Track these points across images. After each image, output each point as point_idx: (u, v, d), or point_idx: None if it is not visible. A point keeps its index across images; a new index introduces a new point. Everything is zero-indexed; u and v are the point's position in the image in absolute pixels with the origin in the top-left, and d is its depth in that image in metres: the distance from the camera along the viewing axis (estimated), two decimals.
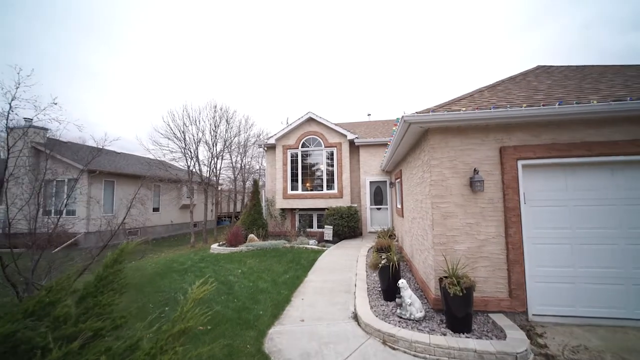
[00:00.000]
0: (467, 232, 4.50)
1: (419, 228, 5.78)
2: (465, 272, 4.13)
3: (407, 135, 5.11)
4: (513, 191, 4.38)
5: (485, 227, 4.46)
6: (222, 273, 7.32)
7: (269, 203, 13.88)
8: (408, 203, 7.33)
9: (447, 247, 4.52)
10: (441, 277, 4.16)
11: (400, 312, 4.40)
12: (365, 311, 4.54)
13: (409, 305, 4.26)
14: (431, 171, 4.65)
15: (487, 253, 4.42)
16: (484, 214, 4.48)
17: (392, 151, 7.10)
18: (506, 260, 4.33)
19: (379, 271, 5.06)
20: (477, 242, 4.46)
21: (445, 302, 3.94)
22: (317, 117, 13.09)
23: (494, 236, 4.42)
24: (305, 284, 6.25)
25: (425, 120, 4.40)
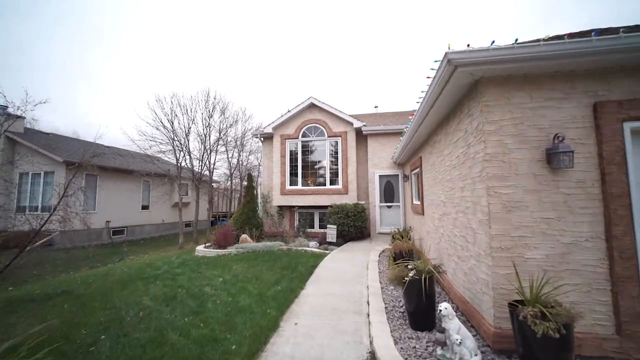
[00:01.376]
0: (543, 232, 2.97)
1: (455, 226, 4.25)
2: (549, 293, 2.60)
3: (446, 91, 3.58)
4: (618, 169, 2.85)
5: (572, 224, 2.92)
6: (198, 282, 5.83)
7: (265, 200, 12.40)
8: (433, 196, 5.80)
9: (512, 253, 2.99)
10: (513, 302, 2.64)
11: (443, 354, 2.87)
12: (388, 349, 3.03)
13: (457, 344, 2.73)
14: (485, 141, 3.13)
15: (575, 264, 2.88)
16: (570, 203, 2.94)
17: (414, 129, 5.58)
18: (609, 276, 2.80)
19: (405, 287, 3.53)
20: (559, 246, 2.93)
21: (525, 344, 2.42)
22: (319, 103, 11.61)
23: (587, 238, 2.88)
24: (300, 300, 4.74)
25: (484, 59, 2.88)
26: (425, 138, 6.31)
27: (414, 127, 5.76)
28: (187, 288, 5.46)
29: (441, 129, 4.98)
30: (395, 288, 5.13)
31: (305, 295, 4.98)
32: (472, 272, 3.54)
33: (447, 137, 4.59)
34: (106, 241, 14.61)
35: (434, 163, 5.64)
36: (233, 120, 16.84)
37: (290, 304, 4.57)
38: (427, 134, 5.88)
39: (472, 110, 3.42)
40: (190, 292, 5.19)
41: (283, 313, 4.20)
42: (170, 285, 5.68)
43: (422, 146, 6.73)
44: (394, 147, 10.97)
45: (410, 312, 3.67)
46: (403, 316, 3.93)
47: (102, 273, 7.65)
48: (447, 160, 4.66)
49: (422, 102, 4.50)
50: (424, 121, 5.08)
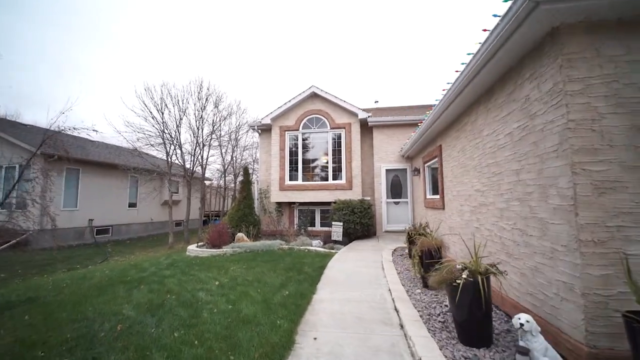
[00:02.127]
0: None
1: (502, 218, 3.55)
2: None
3: (504, 50, 2.88)
4: None
5: None
6: (191, 286, 4.99)
7: (262, 196, 11.57)
8: (461, 187, 5.11)
9: (608, 248, 2.29)
10: (628, 313, 1.93)
11: None
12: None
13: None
14: (567, 105, 2.43)
15: None
16: None
17: (439, 112, 4.90)
18: None
19: (459, 292, 2.79)
20: None
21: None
22: (321, 92, 10.85)
23: None
24: (315, 307, 3.97)
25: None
26: (448, 124, 5.62)
27: (439, 110, 5.07)
28: (177, 293, 4.63)
29: (476, 108, 4.29)
30: (422, 292, 4.42)
31: (318, 300, 4.21)
32: (539, 273, 2.83)
33: (489, 115, 3.89)
34: (89, 241, 13.53)
35: (463, 149, 4.94)
36: (227, 113, 15.92)
37: (303, 312, 3.79)
38: (454, 117, 5.19)
39: (543, 70, 2.72)
40: (182, 299, 4.36)
41: (297, 324, 3.42)
42: (157, 290, 4.83)
43: (443, 133, 6.04)
44: (401, 139, 10.31)
45: (459, 323, 2.94)
46: (445, 327, 3.20)
47: (79, 276, 6.72)
48: (487, 141, 3.96)
49: (459, 76, 3.80)
50: (457, 99, 4.38)
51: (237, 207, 10.56)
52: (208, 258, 7.53)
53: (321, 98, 11.06)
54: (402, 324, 3.35)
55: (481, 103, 4.13)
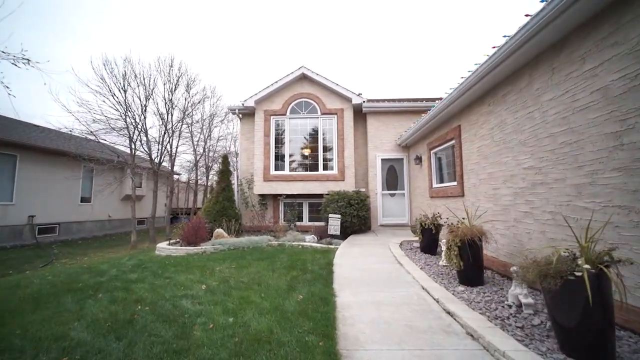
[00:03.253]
0: None
1: (578, 195, 2.87)
2: None
3: None
4: None
5: None
6: (169, 293, 3.83)
7: (243, 187, 10.33)
8: (493, 168, 4.47)
9: None
10: None
11: None
12: None
13: None
14: None
15: None
16: None
17: (473, 82, 4.19)
18: None
19: (570, 289, 2.02)
20: None
21: None
22: (312, 74, 9.89)
23: None
24: (345, 315, 3.04)
25: None
26: (473, 100, 4.98)
27: (466, 85, 4.44)
28: (152, 303, 3.46)
29: (530, 71, 3.62)
30: (466, 289, 3.67)
31: (345, 306, 3.28)
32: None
33: (554, 75, 3.22)
34: (29, 241, 11.33)
35: (500, 124, 4.29)
36: (201, 98, 14.26)
37: (333, 322, 2.84)
38: (486, 90, 4.54)
39: None
40: (160, 310, 3.21)
41: (334, 340, 2.47)
42: (122, 300, 3.61)
43: (466, 112, 5.40)
44: (397, 127, 9.69)
45: (566, 330, 2.18)
46: (531, 335, 2.44)
47: (10, 284, 5.15)
48: (550, 107, 3.29)
49: (517, 34, 3.09)
50: (500, 66, 3.73)
51: (215, 199, 9.27)
52: (185, 257, 6.27)
53: (311, 80, 10.09)
54: (472, 332, 2.55)
55: (539, 63, 3.47)
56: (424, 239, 5.92)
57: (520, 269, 2.48)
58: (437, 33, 69.07)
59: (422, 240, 5.97)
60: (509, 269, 3.94)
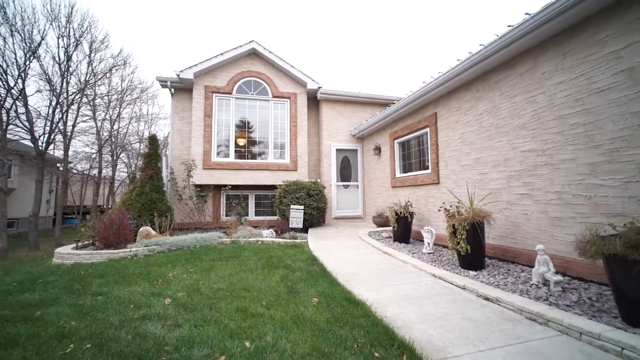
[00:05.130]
0: None
1: (592, 174, 3.00)
2: None
3: None
4: None
5: None
6: (114, 316, 2.57)
7: (175, 176, 8.53)
8: (480, 153, 4.57)
9: None
10: None
11: None
12: None
13: None
14: None
15: None
16: None
17: (467, 66, 4.17)
18: None
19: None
20: None
21: None
22: (264, 51, 8.81)
23: None
24: (387, 316, 2.46)
25: None
26: (456, 87, 5.03)
27: (456, 71, 4.46)
28: (92, 336, 2.20)
29: (535, 56, 3.73)
30: (478, 274, 3.54)
31: (377, 304, 2.70)
32: None
33: (566, 59, 3.33)
34: None
35: (491, 110, 4.38)
36: (111, 65, 11.23)
37: (386, 328, 2.24)
38: (475, 76, 4.60)
39: None
40: (113, 347, 2.03)
41: (415, 352, 1.88)
42: (31, 339, 2.20)
43: (446, 98, 5.44)
44: (352, 118, 9.53)
45: (637, 302, 2.12)
46: (592, 310, 2.36)
47: None
48: (559, 90, 3.41)
49: (529, 19, 3.09)
50: (503, 51, 3.79)
51: (140, 189, 7.35)
52: (109, 264, 4.62)
53: (263, 59, 9.01)
54: (534, 317, 2.32)
55: (546, 49, 3.57)
56: (398, 228, 5.77)
57: (585, 243, 2.35)
58: (393, 36, 72.89)
59: (396, 229, 5.81)
60: (501, 251, 4.05)
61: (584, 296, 2.71)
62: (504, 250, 4.11)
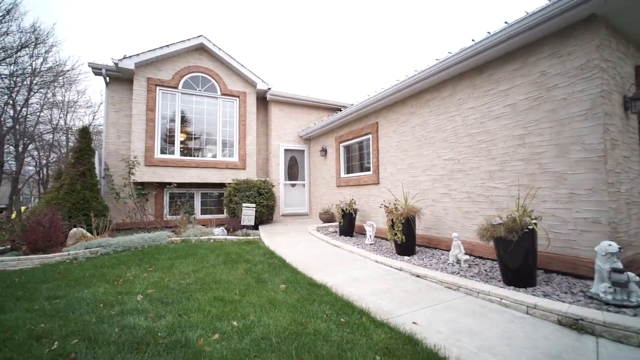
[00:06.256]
0: (630, 167, 3.24)
1: (493, 178, 4.07)
2: None
3: (542, 28, 3.30)
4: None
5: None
6: (88, 315, 2.61)
7: (110, 173, 7.85)
8: (413, 159, 5.51)
9: (616, 188, 3.09)
10: None
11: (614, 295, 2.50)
12: None
13: (634, 282, 2.44)
14: (602, 77, 3.07)
15: None
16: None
17: (409, 84, 5.06)
18: None
19: (521, 240, 2.88)
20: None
21: None
22: (214, 47, 8.66)
23: None
24: (345, 292, 3.03)
25: None
26: (395, 101, 5.92)
27: (392, 90, 5.36)
28: (76, 332, 2.27)
29: (453, 84, 4.73)
30: (411, 258, 4.38)
31: (337, 285, 3.26)
32: (550, 217, 3.42)
33: (475, 90, 4.37)
34: None
35: (422, 124, 5.33)
36: (26, 39, 9.46)
37: (348, 301, 2.80)
38: (409, 94, 5.51)
39: (570, 50, 3.31)
40: (105, 338, 2.17)
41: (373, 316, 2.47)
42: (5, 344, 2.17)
43: (386, 110, 6.30)
44: (299, 120, 10.02)
45: (512, 270, 3.08)
46: (486, 277, 3.29)
47: None
48: (470, 114, 4.44)
49: (472, 46, 4.05)
50: (430, 78, 4.77)
51: (70, 187, 6.66)
52: (47, 269, 4.27)
53: (212, 55, 8.83)
54: (450, 285, 3.15)
55: (462, 80, 4.58)
56: (344, 223, 6.49)
57: (482, 230, 3.27)
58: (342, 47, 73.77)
59: (342, 225, 6.52)
60: (427, 240, 5.01)
61: (482, 269, 3.70)
62: (429, 239, 5.09)
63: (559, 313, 2.32)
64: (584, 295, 2.72)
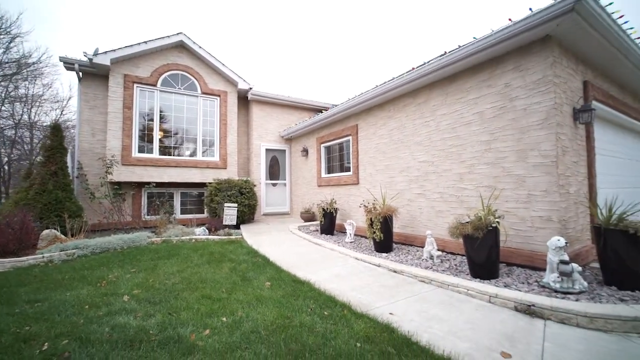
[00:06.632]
0: (577, 172, 3.67)
1: (463, 180, 4.42)
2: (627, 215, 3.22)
3: (505, 44, 3.67)
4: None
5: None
6: (74, 317, 2.64)
7: (84, 172, 7.58)
8: (390, 161, 5.80)
9: (566, 190, 3.50)
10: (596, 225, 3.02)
11: (561, 284, 2.88)
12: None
13: (577, 272, 2.82)
14: (555, 92, 3.45)
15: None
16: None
17: (388, 89, 5.35)
18: None
19: (481, 238, 3.21)
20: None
21: (608, 249, 2.84)
22: (194, 45, 8.54)
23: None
24: (326, 287, 3.23)
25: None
26: (374, 105, 6.18)
27: (371, 95, 5.60)
28: (65, 334, 2.31)
29: (427, 91, 5.04)
30: (389, 255, 4.66)
31: (320, 282, 3.46)
32: (511, 215, 3.80)
33: (448, 98, 4.70)
34: None
35: (400, 127, 5.62)
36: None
37: (330, 296, 3.00)
38: (388, 99, 5.79)
39: (529, 65, 3.68)
40: (95, 337, 2.23)
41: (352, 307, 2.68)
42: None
43: (365, 114, 6.56)
44: (281, 120, 10.11)
45: (478, 264, 3.41)
46: (456, 271, 3.61)
47: None
48: (443, 119, 4.77)
49: (421, 68, 4.36)
50: (405, 85, 5.05)
51: (41, 187, 6.39)
52: (22, 272, 4.15)
53: (192, 53, 8.70)
54: (423, 279, 3.44)
55: (436, 87, 4.90)
56: (325, 222, 6.70)
57: (452, 228, 3.58)
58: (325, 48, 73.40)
59: (323, 223, 6.73)
60: (404, 237, 5.32)
61: (452, 263, 4.03)
62: (406, 236, 5.40)
63: (515, 300, 2.65)
64: (537, 284, 3.08)
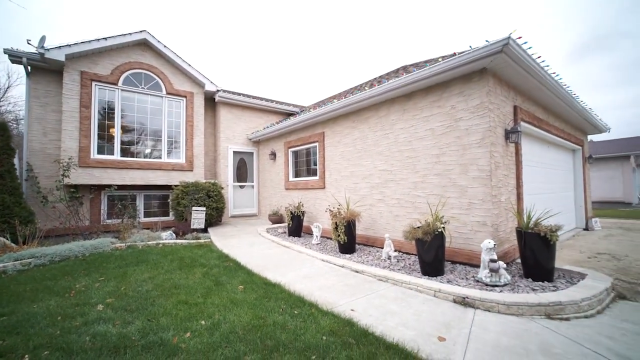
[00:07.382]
0: (507, 183, 4.38)
1: (417, 188, 4.99)
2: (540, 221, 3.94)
3: (453, 72, 4.25)
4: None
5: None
6: (48, 329, 2.69)
7: (34, 174, 7.07)
8: (354, 168, 6.26)
9: (498, 199, 4.18)
10: (518, 229, 3.72)
11: (492, 279, 3.50)
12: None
13: (503, 269, 3.47)
14: (490, 116, 4.11)
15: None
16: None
17: (352, 102, 5.79)
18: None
19: (430, 241, 3.77)
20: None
21: (528, 248, 3.55)
22: (158, 44, 8.29)
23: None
24: (296, 288, 3.57)
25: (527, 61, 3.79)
26: (340, 115, 6.60)
27: (338, 105, 6.01)
28: (45, 346, 2.39)
29: (388, 106, 5.56)
30: (352, 256, 5.11)
31: (290, 283, 3.78)
32: (455, 220, 4.42)
33: (405, 114, 5.24)
34: None
35: (362, 137, 6.10)
36: None
37: (305, 298, 3.34)
38: (351, 110, 6.24)
39: (470, 92, 4.30)
40: (75, 346, 2.35)
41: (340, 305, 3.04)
42: None
43: (332, 122, 6.95)
44: (249, 122, 10.19)
45: (427, 263, 3.95)
46: (410, 269, 4.13)
47: None
48: (401, 133, 5.31)
49: (382, 86, 4.86)
50: (369, 99, 5.53)
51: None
52: None
53: (156, 52, 8.45)
54: (382, 278, 3.91)
55: (395, 103, 5.43)
56: (293, 224, 7.00)
57: (406, 232, 4.09)
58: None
59: (291, 226, 7.03)
60: (365, 239, 5.81)
61: (407, 263, 4.57)
62: (367, 238, 5.90)
63: (454, 294, 3.19)
64: (474, 279, 3.69)
